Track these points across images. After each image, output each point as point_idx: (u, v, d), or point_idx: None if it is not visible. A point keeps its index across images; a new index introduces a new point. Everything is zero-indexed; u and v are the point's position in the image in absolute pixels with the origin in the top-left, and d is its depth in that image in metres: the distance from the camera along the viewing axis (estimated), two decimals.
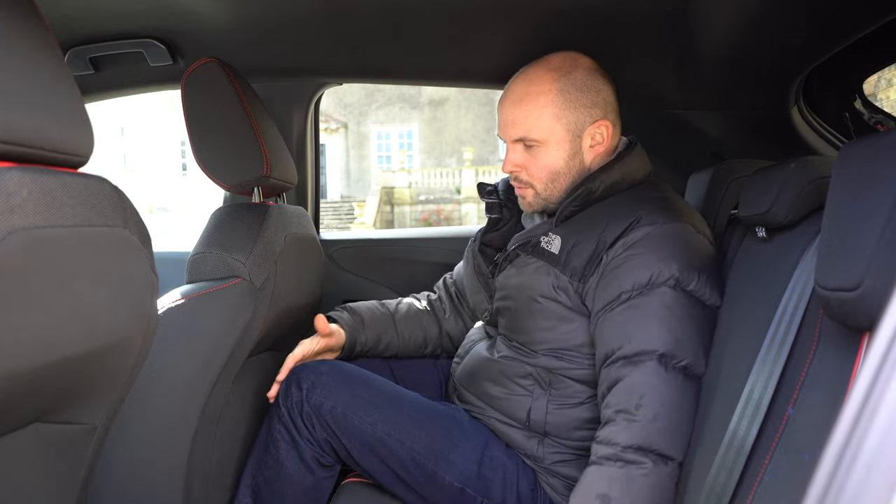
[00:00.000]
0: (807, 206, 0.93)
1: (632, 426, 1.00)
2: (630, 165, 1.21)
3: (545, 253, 1.19)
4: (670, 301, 1.06)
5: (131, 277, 0.73)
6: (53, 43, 0.64)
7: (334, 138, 21.59)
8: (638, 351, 1.04)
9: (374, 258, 1.95)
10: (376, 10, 1.23)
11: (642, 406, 1.01)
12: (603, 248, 1.12)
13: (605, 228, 1.13)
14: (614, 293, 1.09)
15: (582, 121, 1.19)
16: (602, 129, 1.21)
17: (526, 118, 1.19)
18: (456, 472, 1.18)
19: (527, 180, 1.23)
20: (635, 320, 1.06)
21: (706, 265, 1.12)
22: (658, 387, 1.01)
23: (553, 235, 1.19)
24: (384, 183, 18.16)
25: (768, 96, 1.30)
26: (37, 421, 0.71)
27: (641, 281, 1.07)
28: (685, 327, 1.05)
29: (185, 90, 1.26)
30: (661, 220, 1.11)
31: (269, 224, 1.30)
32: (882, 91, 4.75)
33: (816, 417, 0.72)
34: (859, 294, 0.60)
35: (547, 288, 1.17)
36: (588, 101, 1.19)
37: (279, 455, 1.23)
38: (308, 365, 1.27)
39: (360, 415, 1.20)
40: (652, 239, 1.09)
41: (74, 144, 0.65)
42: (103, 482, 1.11)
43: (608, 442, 1.02)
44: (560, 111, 1.18)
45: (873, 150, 0.66)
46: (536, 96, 1.18)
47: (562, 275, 1.16)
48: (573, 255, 1.15)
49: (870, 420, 0.29)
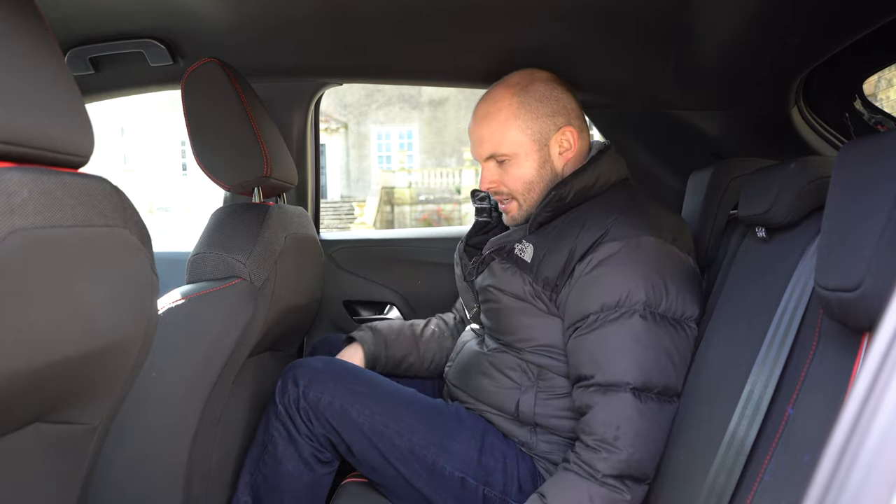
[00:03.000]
0: (807, 206, 0.93)
1: (611, 457, 1.05)
2: (602, 168, 1.23)
3: (518, 260, 1.22)
4: (640, 331, 1.08)
5: (131, 277, 0.73)
6: (53, 43, 0.64)
7: (334, 138, 21.58)
8: (611, 382, 1.07)
9: (374, 258, 1.95)
10: (376, 9, 1.23)
11: (619, 437, 1.05)
12: (573, 260, 1.15)
13: (576, 239, 1.15)
14: (582, 312, 1.12)
15: (546, 129, 1.23)
16: (568, 136, 1.24)
17: (492, 134, 1.23)
18: (456, 461, 1.19)
19: (507, 192, 1.27)
20: (604, 350, 1.08)
21: (677, 278, 1.13)
22: (633, 418, 1.06)
23: (526, 243, 1.22)
24: (384, 183, 18.15)
25: (768, 96, 1.30)
26: (37, 421, 0.71)
27: (609, 303, 1.09)
28: (655, 356, 1.08)
29: (185, 90, 1.26)
30: (629, 234, 1.12)
31: (269, 224, 1.30)
32: (882, 91, 4.75)
33: (816, 417, 0.72)
34: (859, 294, 0.60)
35: (523, 292, 1.20)
36: (549, 110, 1.23)
37: (277, 452, 1.23)
38: (304, 361, 1.27)
39: (358, 408, 1.20)
40: (619, 258, 1.11)
41: (74, 144, 0.65)
42: (103, 482, 1.11)
43: (589, 465, 1.06)
44: (523, 123, 1.22)
45: (873, 150, 0.66)
46: (498, 112, 1.23)
47: (535, 284, 1.19)
48: (545, 265, 1.18)
49: (870, 420, 0.29)
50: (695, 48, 1.19)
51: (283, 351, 1.59)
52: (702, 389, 1.04)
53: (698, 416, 1.02)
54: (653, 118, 1.59)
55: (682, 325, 1.12)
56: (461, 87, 1.70)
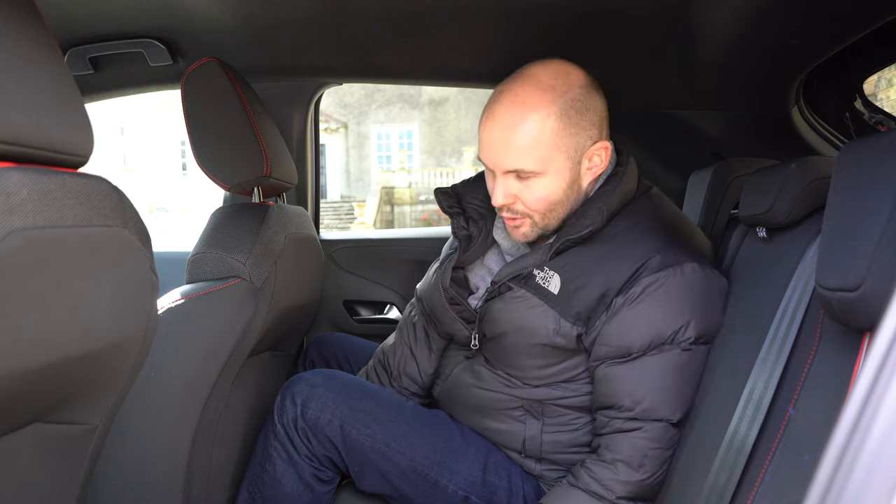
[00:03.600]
0: (807, 206, 0.93)
1: (631, 479, 1.01)
2: (628, 185, 1.11)
3: (542, 291, 1.08)
4: (683, 363, 1.02)
5: (131, 277, 0.73)
6: (53, 43, 0.64)
7: (334, 138, 21.58)
8: (648, 417, 1.02)
9: (374, 258, 1.95)
10: (376, 10, 1.23)
11: (645, 465, 1.02)
12: (612, 293, 1.04)
13: (611, 271, 1.04)
14: (625, 348, 1.03)
15: (582, 146, 1.07)
16: (601, 152, 1.09)
17: (520, 147, 1.03)
18: (460, 479, 1.16)
19: (523, 211, 1.09)
20: (646, 384, 1.02)
21: (716, 302, 1.06)
22: (663, 445, 1.02)
23: (549, 272, 1.08)
24: (384, 183, 18.15)
25: (768, 96, 1.30)
26: (37, 421, 0.71)
27: (656, 340, 1.02)
28: (693, 385, 1.04)
29: (185, 90, 1.26)
30: (671, 263, 1.03)
31: (269, 224, 1.30)
32: (882, 91, 4.75)
33: (817, 418, 0.72)
34: (860, 294, 0.60)
35: (545, 332, 1.08)
36: (587, 123, 1.06)
37: (276, 473, 1.20)
38: (303, 377, 1.23)
39: (359, 427, 1.17)
40: (665, 291, 1.02)
41: (74, 144, 0.65)
42: (103, 482, 1.11)
43: (603, 484, 1.02)
44: (560, 139, 1.04)
45: (873, 151, 0.66)
46: (531, 121, 1.03)
47: (563, 320, 1.06)
48: (577, 299, 1.05)
49: (870, 420, 0.29)
50: (695, 48, 1.19)
51: (283, 351, 1.59)
52: (702, 389, 1.04)
53: (699, 415, 1.02)
54: (653, 118, 1.59)
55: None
56: (462, 87, 1.70)
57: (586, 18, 1.19)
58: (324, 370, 1.28)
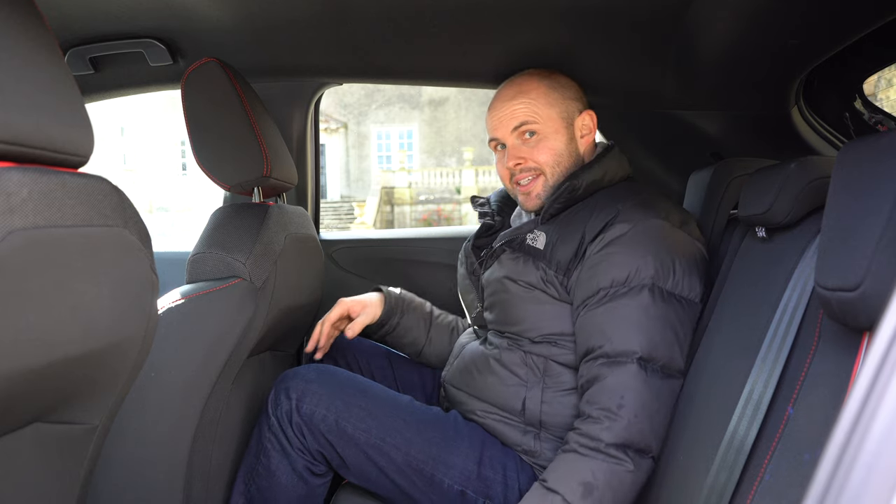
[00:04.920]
0: (807, 206, 0.93)
1: (614, 425, 1.06)
2: (609, 164, 1.28)
3: (531, 249, 1.24)
4: (647, 303, 1.11)
5: (131, 277, 0.73)
6: (53, 43, 0.64)
7: (334, 138, 21.59)
8: (618, 352, 1.09)
9: (374, 258, 1.95)
10: (376, 10, 1.23)
11: (624, 406, 1.06)
12: (585, 242, 1.18)
13: (586, 224, 1.19)
14: (593, 289, 1.14)
15: (571, 110, 1.30)
16: (588, 120, 1.31)
17: (526, 107, 1.28)
18: (455, 474, 1.18)
19: (535, 167, 1.28)
20: (614, 321, 1.11)
21: (684, 259, 1.16)
22: (638, 388, 1.07)
23: (538, 232, 1.25)
24: (384, 183, 18.16)
25: (768, 96, 1.30)
26: (37, 421, 0.71)
27: (619, 279, 1.12)
28: (661, 328, 1.10)
29: (185, 90, 1.26)
30: (638, 218, 1.16)
31: (269, 224, 1.30)
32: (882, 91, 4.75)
33: (816, 417, 0.72)
34: (859, 294, 0.61)
35: (535, 279, 1.22)
36: (572, 95, 1.31)
37: (270, 465, 1.22)
38: (297, 372, 1.26)
39: (354, 422, 1.19)
40: (629, 237, 1.14)
41: (74, 144, 0.65)
42: (103, 482, 1.11)
43: (591, 437, 1.06)
44: (551, 100, 1.28)
45: (873, 151, 0.66)
46: (530, 90, 1.29)
47: (548, 269, 1.21)
48: (557, 250, 1.21)
49: (870, 420, 0.29)
50: (695, 48, 1.19)
51: (283, 351, 1.59)
52: (702, 389, 1.04)
53: (698, 415, 1.02)
54: (653, 118, 1.59)
55: (687, 303, 1.14)
56: (462, 87, 1.70)
57: (586, 19, 1.19)
58: (317, 365, 1.30)
